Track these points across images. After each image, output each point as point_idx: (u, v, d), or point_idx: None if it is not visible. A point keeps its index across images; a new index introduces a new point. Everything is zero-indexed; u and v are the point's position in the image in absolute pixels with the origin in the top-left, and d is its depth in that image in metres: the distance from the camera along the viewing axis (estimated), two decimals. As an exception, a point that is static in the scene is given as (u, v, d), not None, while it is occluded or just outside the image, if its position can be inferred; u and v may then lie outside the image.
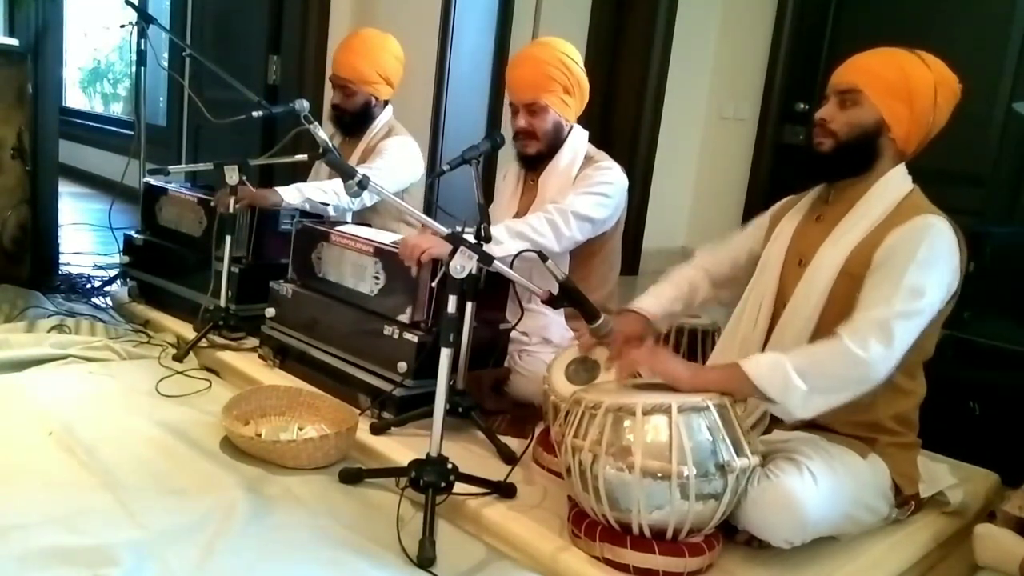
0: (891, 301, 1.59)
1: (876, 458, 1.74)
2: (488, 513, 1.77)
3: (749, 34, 4.49)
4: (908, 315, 1.59)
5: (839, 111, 1.73)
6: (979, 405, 2.40)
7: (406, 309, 2.19)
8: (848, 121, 1.72)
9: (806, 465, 1.60)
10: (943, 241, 1.65)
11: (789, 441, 1.72)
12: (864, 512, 1.72)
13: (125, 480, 1.81)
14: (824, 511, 1.60)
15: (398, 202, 1.82)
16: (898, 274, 1.61)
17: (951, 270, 1.66)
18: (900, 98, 1.70)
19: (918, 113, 1.70)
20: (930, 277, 1.61)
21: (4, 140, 3.12)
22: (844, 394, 1.60)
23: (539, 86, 2.32)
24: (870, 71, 1.72)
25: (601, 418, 1.57)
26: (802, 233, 1.84)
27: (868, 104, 1.71)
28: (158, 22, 3.51)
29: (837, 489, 1.62)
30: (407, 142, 2.92)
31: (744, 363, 1.61)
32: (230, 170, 2.60)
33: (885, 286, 1.62)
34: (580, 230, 2.28)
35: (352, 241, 2.35)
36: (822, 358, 1.60)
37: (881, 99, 1.70)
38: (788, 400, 1.57)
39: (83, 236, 4.22)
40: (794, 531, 1.60)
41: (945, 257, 1.65)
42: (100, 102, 7.79)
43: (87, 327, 2.79)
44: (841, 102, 1.73)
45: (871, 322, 1.59)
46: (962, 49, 3.86)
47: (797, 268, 1.80)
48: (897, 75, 1.70)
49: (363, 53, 2.88)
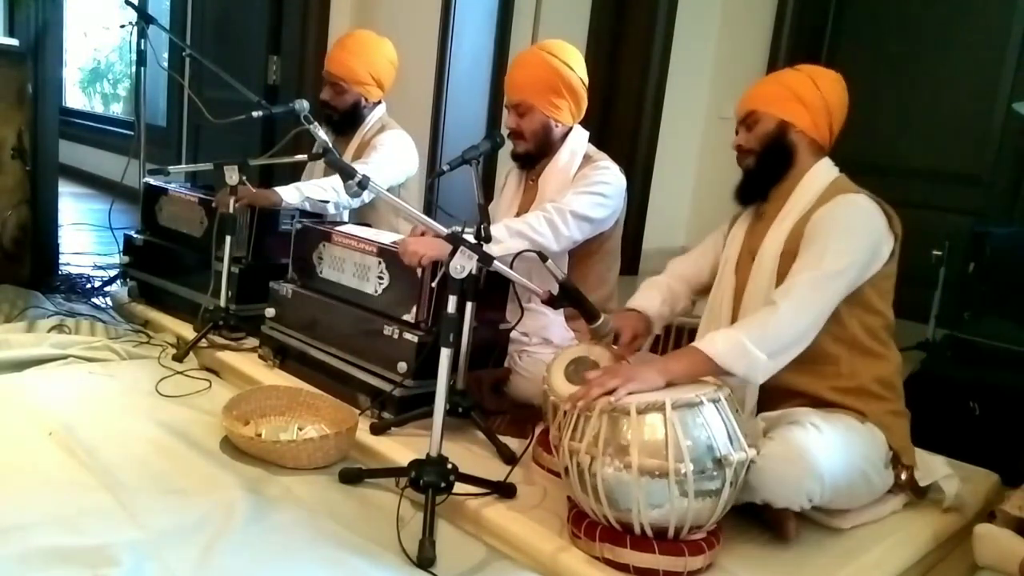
0: (817, 264, 1.74)
1: (872, 426, 1.81)
2: (488, 513, 1.77)
3: (749, 34, 4.49)
4: (832, 274, 1.73)
5: (747, 134, 1.94)
6: (979, 405, 2.40)
7: (411, 308, 2.19)
8: (756, 136, 1.92)
9: (810, 420, 1.68)
10: (860, 210, 1.81)
11: (786, 413, 1.76)
12: (872, 469, 1.78)
13: (125, 480, 1.81)
14: (835, 459, 1.65)
15: (398, 202, 1.82)
16: (821, 241, 1.76)
17: (872, 231, 1.79)
18: (787, 98, 1.89)
19: (810, 103, 1.88)
20: (850, 242, 1.76)
21: (4, 140, 3.12)
22: (790, 351, 1.72)
23: (525, 88, 2.36)
24: (756, 94, 1.95)
25: (597, 418, 1.57)
26: (751, 232, 2.00)
27: (765, 117, 1.91)
28: (158, 22, 3.51)
29: (844, 441, 1.70)
30: (401, 135, 2.93)
31: (701, 344, 1.70)
32: (230, 170, 2.60)
33: (810, 253, 1.77)
34: (579, 230, 2.28)
35: (355, 241, 2.35)
36: (769, 324, 1.70)
37: (772, 106, 1.90)
38: (752, 372, 1.67)
39: (83, 236, 4.22)
40: (809, 482, 1.62)
41: (863, 223, 1.79)
42: (100, 102, 7.79)
43: (87, 327, 2.79)
44: (746, 127, 1.94)
45: (801, 283, 1.73)
46: (962, 49, 3.89)
47: (749, 261, 1.94)
48: (775, 85, 1.94)
49: (358, 53, 2.90)
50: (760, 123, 1.91)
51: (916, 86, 3.86)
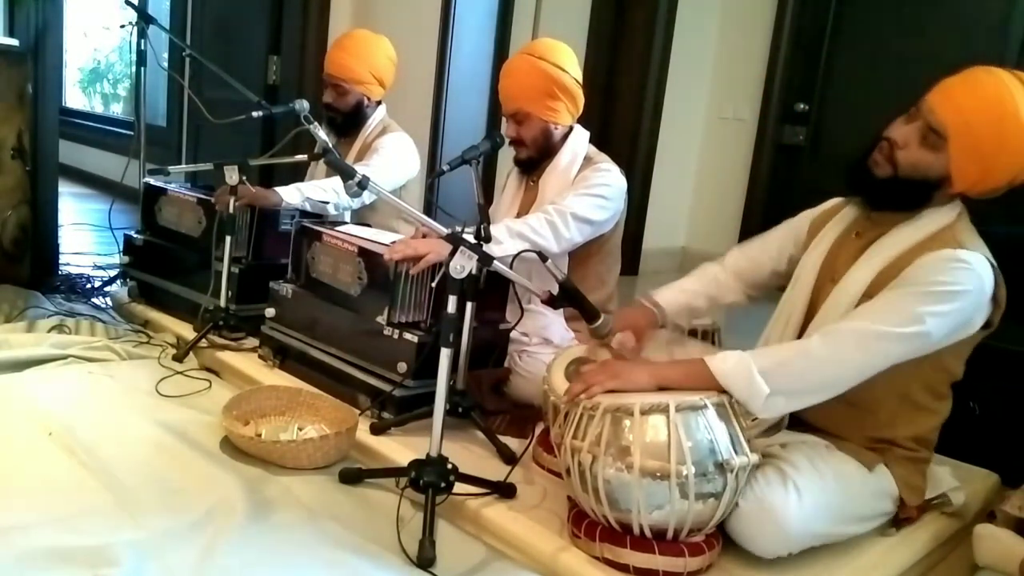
0: (880, 318, 1.56)
1: (883, 469, 1.72)
2: (488, 513, 1.77)
3: (749, 34, 4.50)
4: (892, 338, 1.55)
5: (916, 143, 1.62)
6: (979, 405, 2.39)
7: (383, 310, 2.18)
8: (915, 163, 1.62)
9: (792, 479, 1.59)
10: (966, 276, 1.56)
11: (789, 446, 1.70)
12: (853, 526, 1.71)
13: (125, 480, 1.81)
14: (807, 526, 1.59)
15: (398, 203, 1.82)
16: (902, 297, 1.57)
17: (969, 306, 1.58)
18: (979, 164, 1.58)
19: (991, 178, 1.61)
20: (936, 308, 1.54)
21: (4, 140, 3.12)
22: (808, 397, 1.60)
23: (520, 96, 2.36)
24: (968, 124, 1.56)
25: (599, 419, 1.56)
26: (839, 247, 1.78)
27: (945, 155, 1.59)
28: (158, 22, 3.51)
29: (823, 505, 1.61)
30: (402, 138, 2.94)
31: (710, 359, 1.60)
32: (230, 170, 2.60)
33: (883, 303, 1.59)
34: (579, 231, 2.29)
35: (340, 241, 2.35)
36: (788, 359, 1.59)
37: (960, 157, 1.58)
38: (751, 401, 1.57)
39: (83, 236, 4.22)
40: (777, 545, 1.60)
41: (964, 293, 1.56)
42: (100, 102, 7.78)
43: (87, 327, 2.79)
44: (923, 136, 1.61)
45: (850, 331, 1.57)
46: (961, 49, 3.89)
47: (829, 284, 1.75)
48: (992, 142, 1.56)
49: (356, 53, 2.90)
50: (934, 153, 1.60)
51: (916, 86, 3.85)
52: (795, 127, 4.34)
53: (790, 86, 4.37)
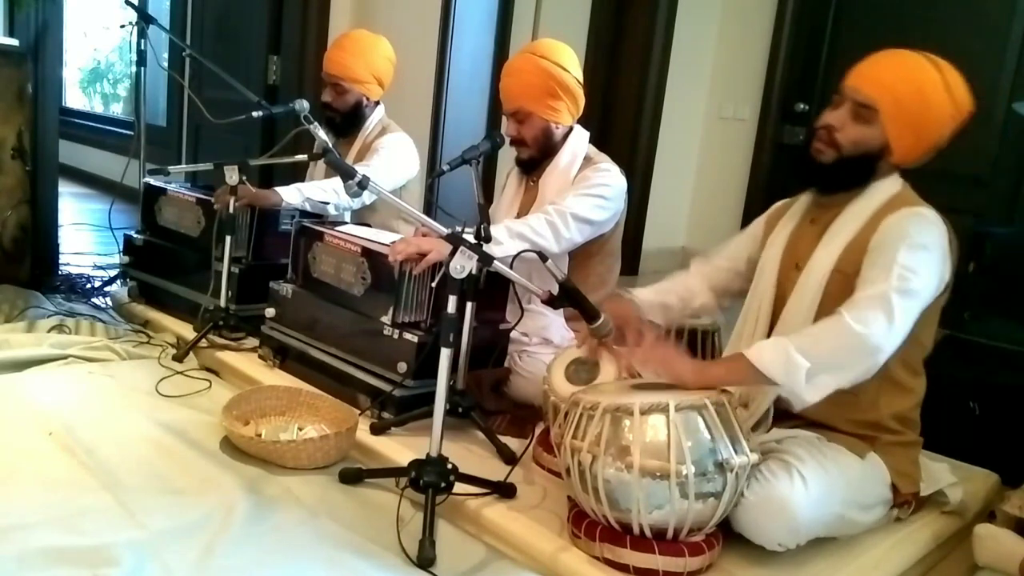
0: (887, 278, 1.61)
1: (875, 457, 1.75)
2: (488, 513, 1.77)
3: (749, 34, 4.49)
4: (903, 292, 1.60)
5: (850, 122, 1.72)
6: (979, 405, 2.40)
7: (388, 310, 2.18)
8: (854, 139, 1.71)
9: (797, 468, 1.60)
10: (933, 229, 1.68)
11: (784, 441, 1.72)
12: (858, 513, 1.73)
13: (125, 480, 1.81)
14: (815, 514, 1.61)
15: (398, 203, 1.82)
16: (891, 255, 1.63)
17: (941, 257, 1.68)
18: (911, 127, 1.69)
19: (924, 141, 1.72)
20: (921, 259, 1.63)
21: (4, 140, 3.12)
22: (849, 372, 1.60)
23: (520, 95, 2.35)
24: (893, 92, 1.68)
25: (599, 418, 1.57)
26: (797, 236, 1.86)
27: (879, 125, 1.70)
28: (158, 22, 3.51)
29: (829, 492, 1.63)
30: (402, 138, 2.94)
31: (747, 352, 1.62)
32: (230, 170, 2.60)
33: (880, 266, 1.64)
34: (579, 232, 2.29)
35: (343, 241, 2.35)
36: (823, 335, 1.61)
37: (893, 124, 1.69)
38: (792, 380, 1.56)
39: (83, 236, 4.22)
40: (786, 535, 1.61)
41: (935, 244, 1.67)
42: (100, 102, 7.78)
43: (87, 327, 2.79)
44: (855, 114, 1.71)
45: (870, 298, 1.61)
46: (962, 49, 3.86)
47: (793, 272, 1.82)
48: (917, 104, 1.68)
49: (355, 52, 2.90)
50: (869, 127, 1.71)
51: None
52: (795, 127, 4.34)
53: (790, 86, 4.36)
